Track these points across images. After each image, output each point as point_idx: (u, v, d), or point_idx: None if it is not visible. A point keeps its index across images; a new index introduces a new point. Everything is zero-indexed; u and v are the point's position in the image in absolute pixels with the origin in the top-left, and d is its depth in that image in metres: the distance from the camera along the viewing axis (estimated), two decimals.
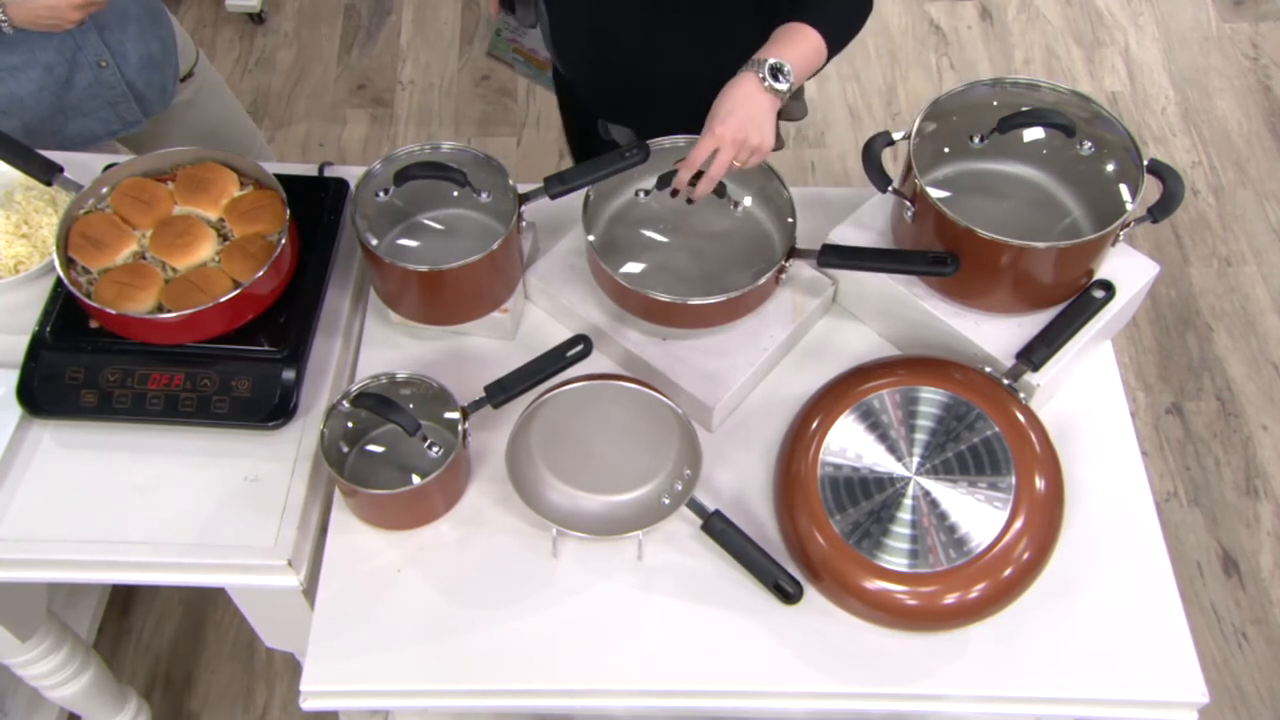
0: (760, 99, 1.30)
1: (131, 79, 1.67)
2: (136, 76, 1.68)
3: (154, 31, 1.70)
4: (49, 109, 1.62)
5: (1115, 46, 3.17)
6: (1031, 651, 1.22)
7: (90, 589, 2.00)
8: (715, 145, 1.29)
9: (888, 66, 3.14)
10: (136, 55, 1.67)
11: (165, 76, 1.74)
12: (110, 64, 1.64)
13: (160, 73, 1.72)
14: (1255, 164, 2.91)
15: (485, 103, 3.04)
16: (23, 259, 1.43)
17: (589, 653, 1.22)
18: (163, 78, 1.73)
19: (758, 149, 1.31)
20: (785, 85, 1.30)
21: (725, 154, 1.29)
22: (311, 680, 1.20)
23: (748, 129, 1.29)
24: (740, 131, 1.29)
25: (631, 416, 1.29)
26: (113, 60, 1.64)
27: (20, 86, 1.58)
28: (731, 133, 1.28)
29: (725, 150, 1.29)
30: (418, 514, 1.29)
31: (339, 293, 1.46)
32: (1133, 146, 1.31)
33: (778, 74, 1.30)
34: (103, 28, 1.60)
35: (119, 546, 1.26)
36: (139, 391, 1.31)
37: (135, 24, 1.65)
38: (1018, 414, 1.26)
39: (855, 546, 1.20)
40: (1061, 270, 1.32)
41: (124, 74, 1.66)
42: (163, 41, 1.73)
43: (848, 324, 1.46)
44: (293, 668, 2.10)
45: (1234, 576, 2.26)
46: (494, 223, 1.39)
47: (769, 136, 1.31)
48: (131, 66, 1.66)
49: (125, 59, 1.65)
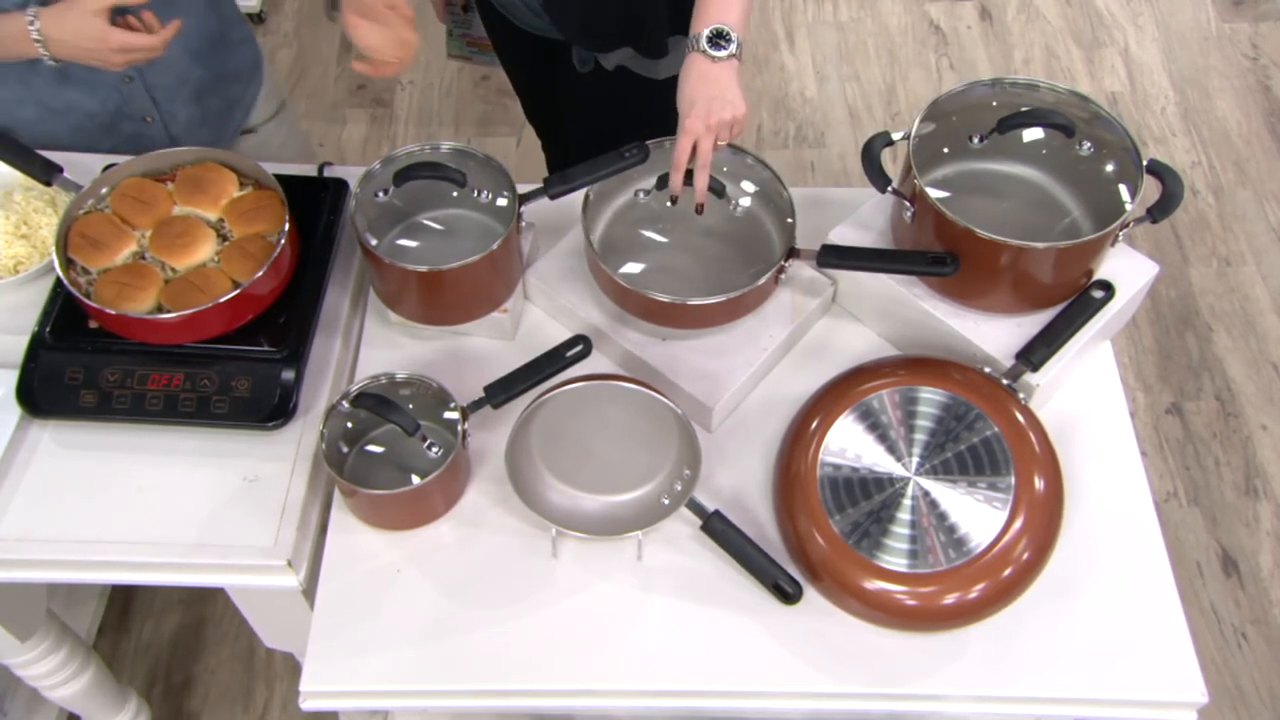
0: (714, 73, 1.28)
1: (177, 135, 1.64)
2: (184, 134, 1.64)
3: (220, 90, 1.67)
4: (84, 146, 1.59)
5: (1115, 46, 3.18)
6: (1031, 651, 1.22)
7: (90, 589, 2.00)
8: (692, 139, 1.28)
9: (887, 66, 3.14)
10: (186, 115, 1.63)
11: (218, 133, 1.70)
12: (156, 121, 1.61)
13: (213, 129, 1.69)
14: (1255, 164, 2.92)
15: (485, 103, 3.04)
16: (22, 259, 1.43)
17: (589, 653, 1.22)
18: (214, 134, 1.69)
19: (734, 121, 1.29)
20: (732, 46, 1.28)
21: (705, 142, 1.29)
22: (311, 680, 1.21)
23: (714, 109, 1.28)
24: (709, 116, 1.28)
25: (631, 417, 1.29)
26: (159, 118, 1.61)
27: (56, 126, 1.56)
28: (702, 120, 1.28)
29: (704, 139, 1.28)
30: (417, 514, 1.29)
31: (339, 293, 1.46)
32: (1132, 147, 1.31)
33: (719, 41, 1.28)
34: (152, 87, 1.57)
35: (119, 546, 1.26)
36: (139, 392, 1.31)
37: (191, 86, 1.61)
38: (1017, 414, 1.26)
39: (855, 547, 1.20)
40: (1061, 270, 1.32)
41: (169, 130, 1.63)
42: (228, 100, 1.69)
43: (847, 324, 1.46)
44: (293, 668, 2.10)
45: (1234, 576, 2.26)
46: (494, 223, 1.39)
47: (739, 104, 1.29)
48: (179, 124, 1.63)
49: (173, 118, 1.62)
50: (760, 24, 3.24)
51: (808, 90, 3.08)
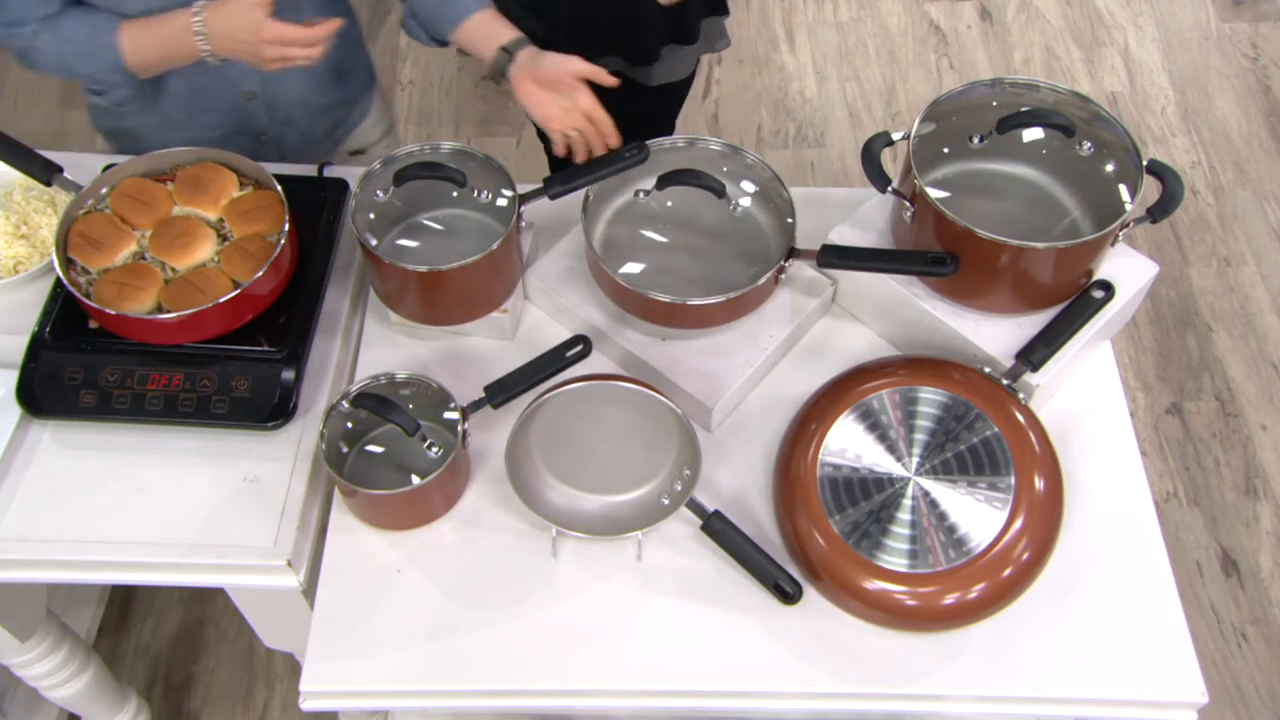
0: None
1: (286, 154, 1.67)
2: (292, 153, 1.67)
3: (333, 113, 1.69)
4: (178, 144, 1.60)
5: (1115, 47, 3.18)
6: (1031, 651, 1.22)
7: (90, 589, 2.00)
8: None
9: (887, 67, 3.14)
10: (298, 135, 1.66)
11: (326, 153, 1.73)
12: (270, 139, 1.64)
13: (321, 150, 1.71)
14: (1255, 164, 2.92)
15: (485, 103, 3.04)
16: (22, 259, 1.43)
17: (589, 653, 1.22)
18: (322, 154, 1.71)
19: None
20: None
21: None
22: (311, 680, 1.20)
23: None
24: None
25: (631, 416, 1.29)
26: (273, 136, 1.64)
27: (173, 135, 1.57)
28: None
29: None
30: (417, 514, 1.29)
31: (339, 293, 1.46)
32: (1132, 147, 1.31)
33: None
34: (273, 105, 1.60)
35: (119, 546, 1.26)
36: (138, 392, 1.31)
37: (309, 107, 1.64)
38: (1017, 414, 1.26)
39: (855, 547, 1.20)
40: (1061, 270, 1.32)
41: (280, 148, 1.66)
42: (338, 121, 1.72)
43: (847, 324, 1.46)
44: (293, 668, 2.10)
45: (1233, 576, 2.26)
46: (494, 223, 1.39)
47: None
48: (289, 144, 1.66)
49: (285, 138, 1.65)
50: (760, 24, 3.24)
51: (808, 90, 3.08)
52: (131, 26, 1.40)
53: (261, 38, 1.35)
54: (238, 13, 1.36)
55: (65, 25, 1.39)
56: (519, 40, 1.45)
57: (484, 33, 1.46)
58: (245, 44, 1.37)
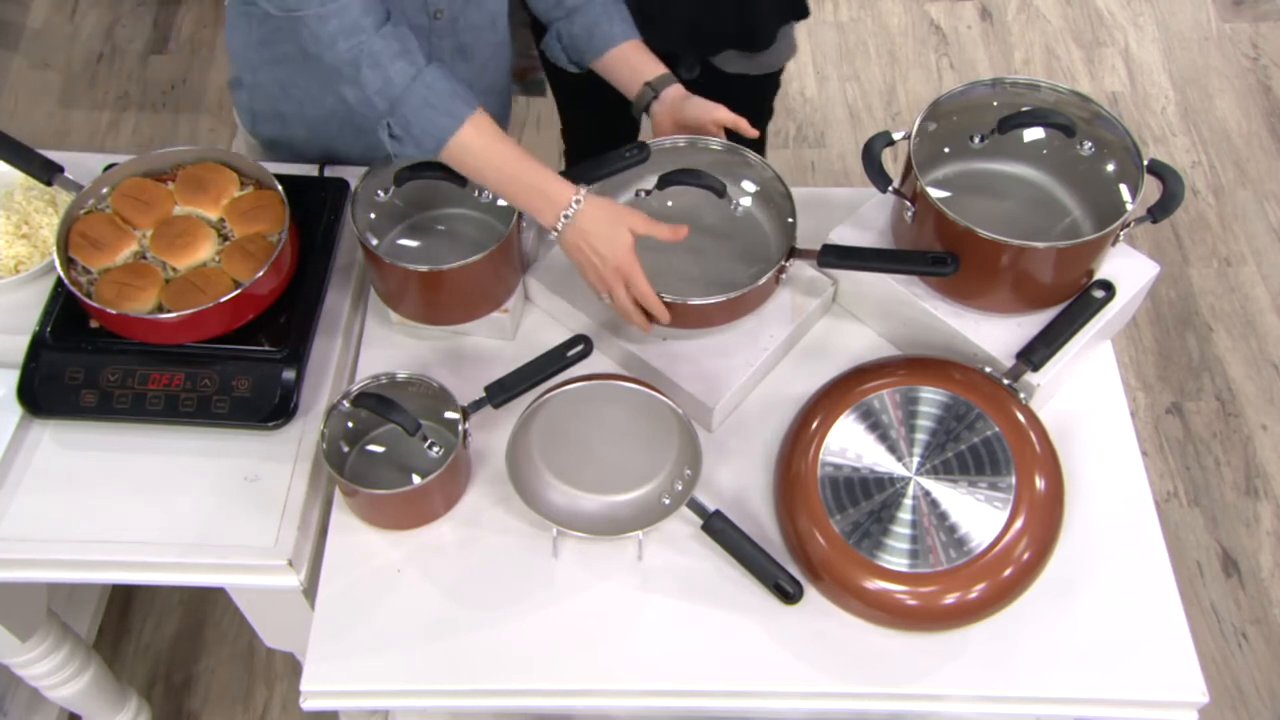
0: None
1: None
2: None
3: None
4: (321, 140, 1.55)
5: (1115, 46, 3.18)
6: (1031, 651, 1.22)
7: (90, 589, 2.00)
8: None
9: (888, 66, 3.14)
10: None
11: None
12: None
13: None
14: (1255, 164, 2.92)
15: None
16: (23, 259, 1.43)
17: (589, 653, 1.22)
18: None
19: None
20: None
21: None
22: (311, 680, 1.20)
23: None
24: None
25: (631, 416, 1.29)
26: None
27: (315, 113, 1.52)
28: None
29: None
30: (418, 514, 1.29)
31: (339, 293, 1.46)
32: (1132, 146, 1.31)
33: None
34: None
35: (119, 546, 1.26)
36: (139, 391, 1.31)
37: None
38: (1018, 414, 1.26)
39: (855, 546, 1.20)
40: (1061, 270, 1.32)
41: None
42: None
43: (848, 324, 1.46)
44: (293, 668, 2.10)
45: (1234, 576, 2.26)
46: (494, 223, 1.39)
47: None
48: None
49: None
50: None
51: (808, 90, 3.08)
52: (484, 125, 1.26)
53: (615, 263, 1.26)
54: (611, 222, 1.25)
55: (431, 73, 1.25)
56: (665, 77, 1.41)
57: (630, 65, 1.42)
58: (594, 258, 1.27)
